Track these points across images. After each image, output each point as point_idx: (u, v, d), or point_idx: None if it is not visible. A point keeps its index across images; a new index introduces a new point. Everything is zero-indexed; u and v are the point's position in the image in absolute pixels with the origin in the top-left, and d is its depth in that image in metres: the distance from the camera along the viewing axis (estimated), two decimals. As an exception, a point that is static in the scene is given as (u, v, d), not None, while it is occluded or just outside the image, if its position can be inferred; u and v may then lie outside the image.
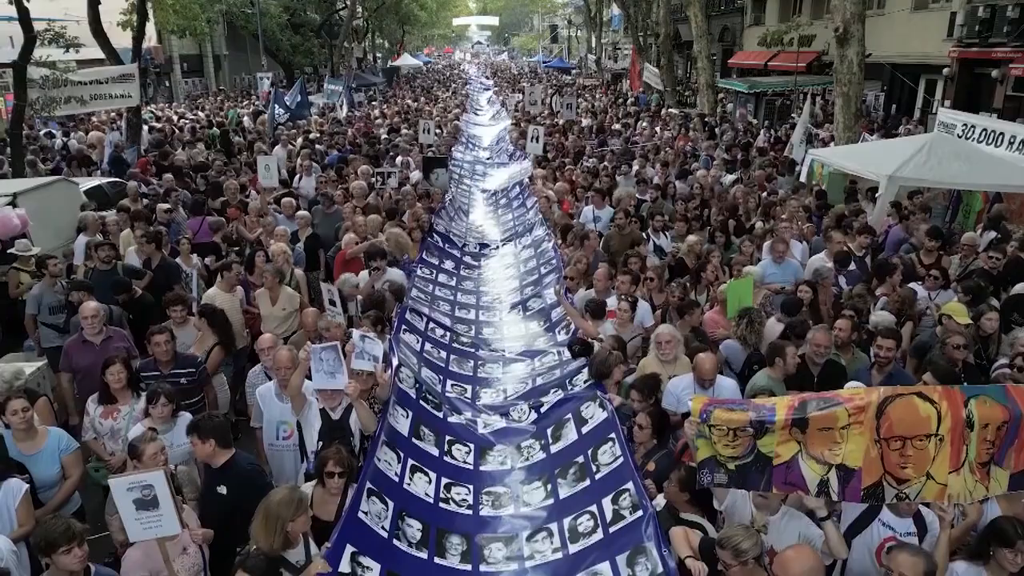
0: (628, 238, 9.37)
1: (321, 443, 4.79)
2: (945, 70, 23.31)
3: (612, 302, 7.08)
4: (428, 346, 6.83)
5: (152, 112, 26.15)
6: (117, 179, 12.99)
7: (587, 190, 12.89)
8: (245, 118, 25.82)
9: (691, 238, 9.33)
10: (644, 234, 9.76)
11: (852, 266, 8.46)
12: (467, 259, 10.17)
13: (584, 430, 5.12)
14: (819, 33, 27.86)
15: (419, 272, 8.97)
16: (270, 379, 5.67)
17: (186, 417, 5.10)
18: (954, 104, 21.97)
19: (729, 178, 13.37)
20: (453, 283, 9.18)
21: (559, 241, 9.73)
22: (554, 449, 5.16)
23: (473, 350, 7.12)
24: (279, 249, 8.23)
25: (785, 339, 6.49)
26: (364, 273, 8.25)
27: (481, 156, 18.56)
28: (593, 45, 63.45)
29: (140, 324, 7.16)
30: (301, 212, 10.36)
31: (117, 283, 7.62)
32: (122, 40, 20.04)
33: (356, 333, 5.14)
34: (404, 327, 6.79)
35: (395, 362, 5.78)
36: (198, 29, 21.09)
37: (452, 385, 6.30)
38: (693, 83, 40.70)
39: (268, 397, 5.36)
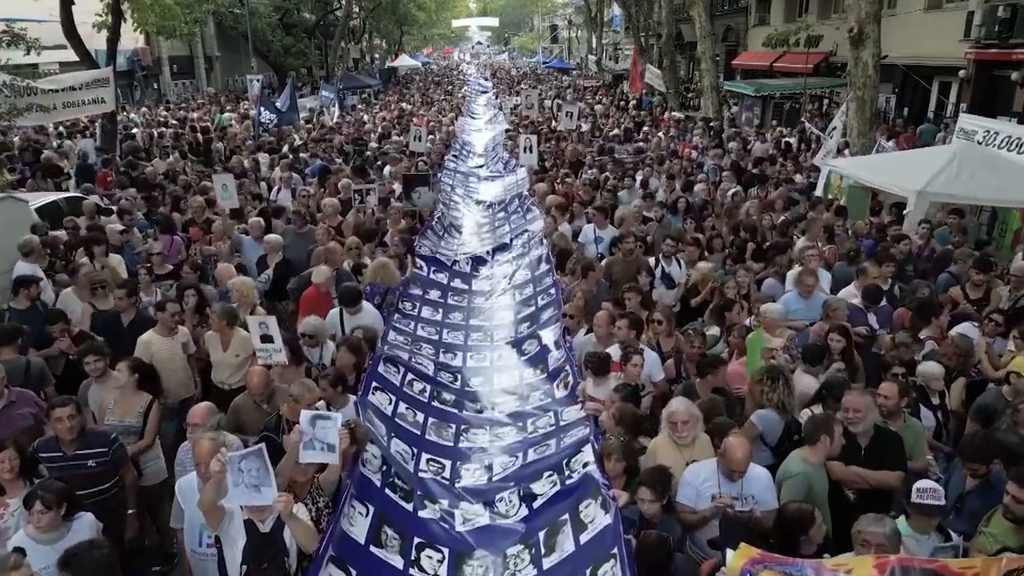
0: (633, 265, 8.30)
1: (245, 566, 3.75)
2: (961, 72, 22.39)
3: (615, 351, 6.04)
4: (403, 407, 5.79)
5: (131, 116, 25.03)
6: (75, 194, 11.90)
7: (586, 205, 11.85)
8: (232, 122, 24.80)
9: (702, 265, 8.30)
10: (654, 259, 8.67)
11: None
12: (456, 282, 9.15)
13: (583, 539, 4.09)
14: (827, 33, 26.94)
15: (400, 306, 7.96)
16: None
17: (83, 521, 4.08)
18: (970, 107, 21.13)
19: (733, 189, 12.29)
20: (439, 317, 8.15)
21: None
22: (547, 564, 4.12)
23: (456, 410, 6.09)
24: (236, 285, 7.19)
25: (819, 401, 5.48)
26: (334, 312, 7.21)
27: (474, 165, 17.54)
28: (594, 46, 62.37)
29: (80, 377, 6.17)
30: (270, 236, 9.31)
31: (49, 315, 6.64)
32: (104, 42, 18.97)
33: (304, 416, 4.11)
34: (375, 384, 5.76)
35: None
36: (178, 29, 20.06)
37: (428, 461, 5.26)
38: (695, 84, 39.68)
39: (189, 492, 4.32)
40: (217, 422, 4.93)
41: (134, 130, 22.21)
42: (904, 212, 10.46)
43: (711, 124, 23.43)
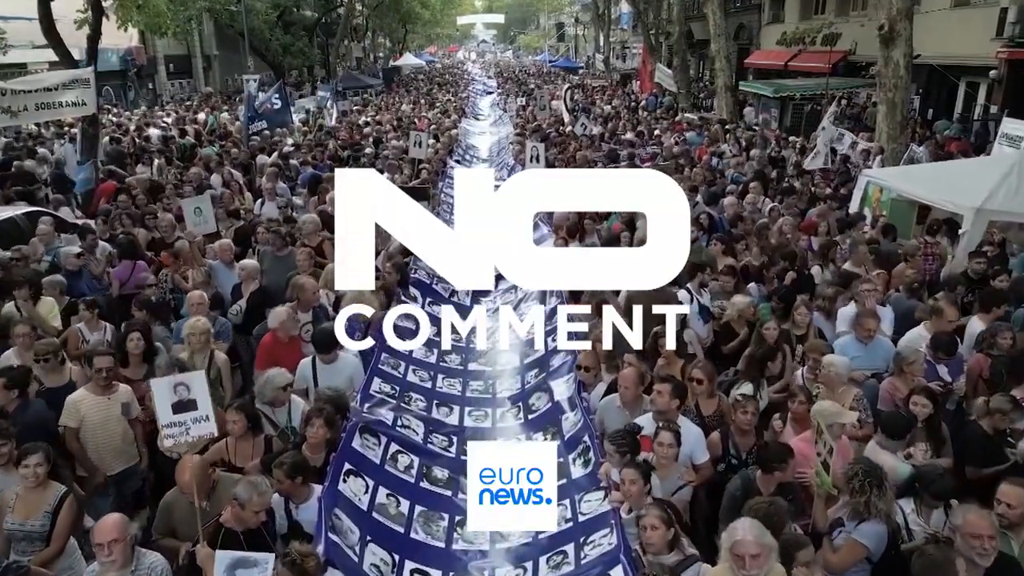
0: (661, 300, 7.09)
1: None
2: (992, 72, 21.28)
3: (646, 423, 4.89)
4: (383, 495, 4.66)
5: (109, 118, 23.67)
6: (39, 209, 10.76)
7: (599, 220, 10.70)
8: (227, 125, 23.70)
9: (739, 299, 7.10)
10: (685, 290, 7.50)
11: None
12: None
13: None
14: (845, 31, 25.81)
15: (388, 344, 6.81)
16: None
17: None
18: (1001, 109, 20.11)
19: (768, 205, 10.99)
20: (433, 359, 7.01)
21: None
22: None
23: (450, 493, 4.96)
24: (189, 328, 6.06)
25: (908, 494, 4.31)
26: (305, 363, 6.06)
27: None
28: (601, 44, 61.24)
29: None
30: (244, 261, 8.17)
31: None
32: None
33: (219, 563, 2.99)
34: (348, 466, 4.63)
35: (320, 551, 3.66)
36: (163, 27, 18.96)
37: (413, 573, 4.14)
38: (705, 83, 38.47)
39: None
40: (135, 537, 3.79)
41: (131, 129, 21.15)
42: (960, 232, 9.29)
43: (727, 127, 22.24)
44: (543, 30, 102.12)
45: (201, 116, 25.72)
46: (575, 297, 7.44)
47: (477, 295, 8.49)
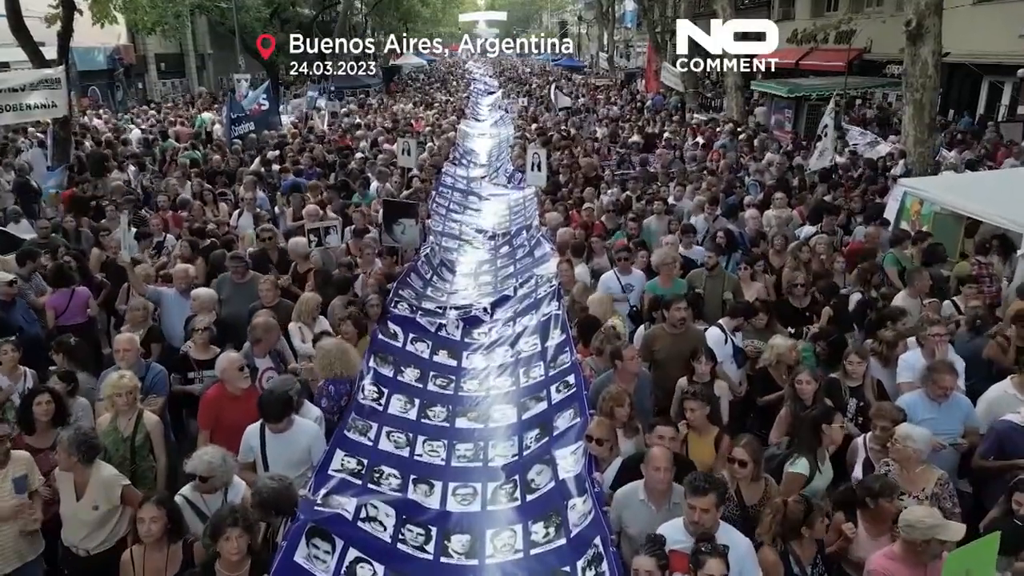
0: (686, 342, 5.97)
1: None
2: (1020, 71, 20.22)
3: (677, 532, 3.71)
4: None
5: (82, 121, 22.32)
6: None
7: (609, 236, 9.60)
8: (216, 125, 22.55)
9: (778, 340, 5.95)
10: (717, 327, 6.37)
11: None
12: (440, 355, 6.85)
13: None
14: (861, 28, 24.64)
15: (360, 396, 5.69)
16: None
17: None
18: (1027, 111, 19.12)
19: (808, 230, 9.70)
20: (414, 414, 5.86)
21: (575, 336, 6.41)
22: None
23: None
24: (110, 385, 4.92)
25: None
26: (253, 430, 4.89)
27: (475, 176, 15.31)
28: (605, 42, 60.16)
29: None
30: (199, 290, 7.03)
31: None
32: (84, 39, 16.75)
33: None
34: None
35: None
36: (140, 24, 17.84)
37: None
38: (710, 79, 37.30)
39: None
40: None
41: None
42: (1018, 254, 8.14)
43: (739, 129, 21.10)
44: (546, 29, 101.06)
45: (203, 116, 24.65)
46: (583, 336, 6.35)
47: (468, 328, 7.37)
